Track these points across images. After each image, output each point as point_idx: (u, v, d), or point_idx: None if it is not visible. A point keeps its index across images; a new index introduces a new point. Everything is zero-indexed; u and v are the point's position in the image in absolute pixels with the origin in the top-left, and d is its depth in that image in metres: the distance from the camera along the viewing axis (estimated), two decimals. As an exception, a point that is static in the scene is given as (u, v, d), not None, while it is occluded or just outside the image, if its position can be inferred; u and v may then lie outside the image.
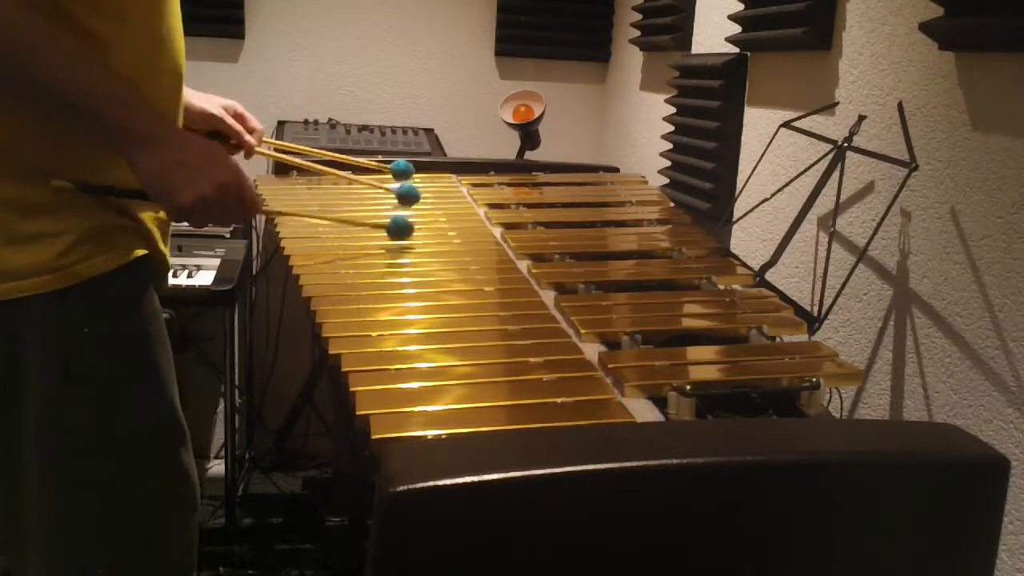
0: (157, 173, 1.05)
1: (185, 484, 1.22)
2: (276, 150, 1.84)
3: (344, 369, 1.13)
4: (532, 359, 1.19)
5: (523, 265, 1.57)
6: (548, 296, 1.43)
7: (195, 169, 1.07)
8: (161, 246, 1.20)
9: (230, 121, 1.50)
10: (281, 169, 2.02)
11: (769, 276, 1.55)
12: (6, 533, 1.16)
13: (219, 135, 1.50)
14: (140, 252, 1.14)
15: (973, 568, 0.92)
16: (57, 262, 1.06)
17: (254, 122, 1.55)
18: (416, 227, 1.62)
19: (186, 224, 1.11)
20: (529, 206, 1.93)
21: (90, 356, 1.09)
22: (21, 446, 1.09)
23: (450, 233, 1.71)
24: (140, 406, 1.15)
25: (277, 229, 1.68)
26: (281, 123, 2.83)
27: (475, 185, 2.07)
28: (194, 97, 1.46)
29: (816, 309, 1.43)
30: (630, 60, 2.86)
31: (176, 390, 1.20)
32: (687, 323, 1.39)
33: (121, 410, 1.12)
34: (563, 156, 2.84)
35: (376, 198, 1.86)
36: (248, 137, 1.52)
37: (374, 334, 1.24)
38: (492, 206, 1.89)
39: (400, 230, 1.58)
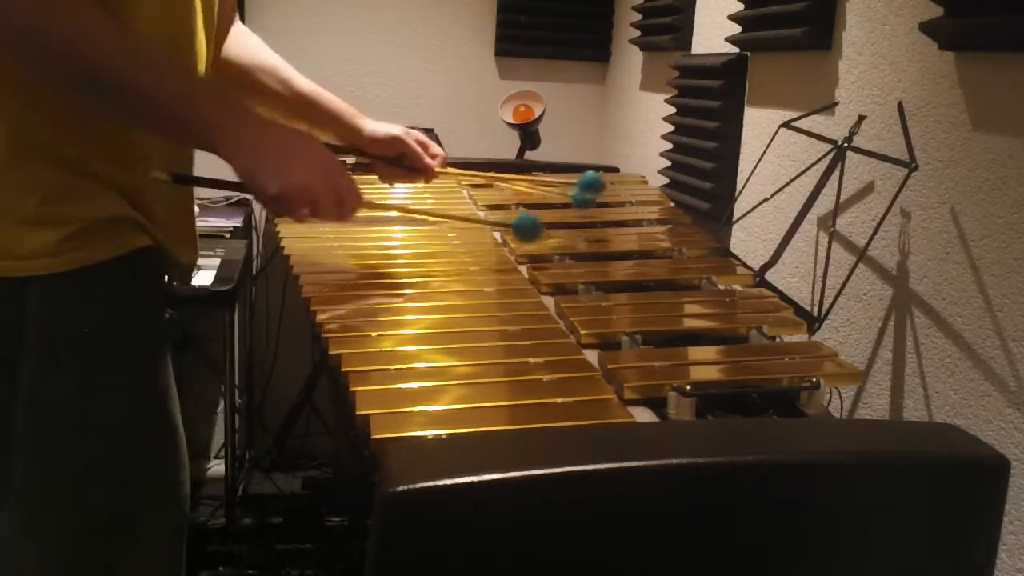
0: (246, 164, 1.08)
1: (170, 478, 1.21)
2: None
3: (344, 369, 1.13)
4: (532, 359, 1.19)
5: (523, 266, 1.57)
6: (548, 297, 1.43)
7: (284, 157, 1.09)
8: (170, 242, 1.20)
9: (412, 143, 1.54)
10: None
11: (769, 276, 1.55)
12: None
13: (401, 161, 1.55)
14: (142, 244, 1.15)
15: (973, 568, 0.91)
16: (60, 247, 1.09)
17: (435, 148, 1.60)
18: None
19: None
20: (529, 206, 1.93)
21: (78, 339, 1.12)
22: (12, 417, 1.12)
23: (450, 234, 1.71)
24: (122, 393, 1.16)
25: (277, 228, 1.68)
26: (281, 123, 2.83)
27: (475, 186, 2.07)
28: (373, 124, 1.52)
29: (816, 309, 1.43)
30: (630, 60, 2.86)
31: (170, 383, 1.21)
32: (687, 323, 1.39)
33: (101, 394, 1.14)
34: (563, 156, 2.84)
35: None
36: (428, 160, 1.57)
37: (374, 334, 1.24)
38: (492, 207, 1.89)
39: (527, 230, 1.51)
